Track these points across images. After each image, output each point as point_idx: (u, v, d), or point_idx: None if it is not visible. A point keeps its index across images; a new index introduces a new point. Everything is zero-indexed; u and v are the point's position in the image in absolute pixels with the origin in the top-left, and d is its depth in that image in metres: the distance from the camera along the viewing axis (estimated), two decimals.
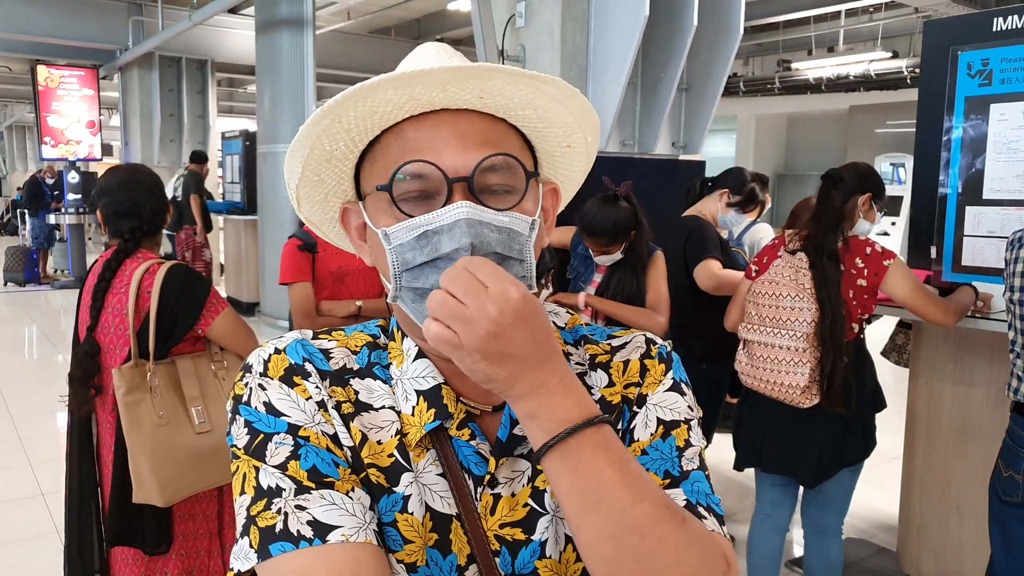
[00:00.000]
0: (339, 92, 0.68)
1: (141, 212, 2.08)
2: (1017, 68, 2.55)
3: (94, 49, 10.55)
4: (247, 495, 0.67)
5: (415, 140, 0.69)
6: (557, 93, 0.71)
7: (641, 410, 0.77)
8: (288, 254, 2.50)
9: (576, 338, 0.82)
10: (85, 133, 11.18)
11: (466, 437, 0.73)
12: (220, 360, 2.08)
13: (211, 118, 11.16)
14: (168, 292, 1.97)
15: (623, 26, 3.54)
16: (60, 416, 5.17)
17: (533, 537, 0.73)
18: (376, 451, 0.72)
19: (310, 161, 0.73)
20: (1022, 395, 2.09)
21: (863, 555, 3.35)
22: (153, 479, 1.88)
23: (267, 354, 0.73)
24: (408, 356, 0.76)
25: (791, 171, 15.46)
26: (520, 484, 0.74)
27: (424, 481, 0.72)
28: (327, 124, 0.69)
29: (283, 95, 7.33)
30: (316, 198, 0.79)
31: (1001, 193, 2.64)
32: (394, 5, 10.22)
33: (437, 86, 0.67)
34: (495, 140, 0.71)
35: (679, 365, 0.81)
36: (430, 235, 0.67)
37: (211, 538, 2.11)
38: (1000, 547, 2.21)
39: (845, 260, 2.32)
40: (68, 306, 9.56)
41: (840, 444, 2.38)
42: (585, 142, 0.78)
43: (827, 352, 2.26)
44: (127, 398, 1.91)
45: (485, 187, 0.69)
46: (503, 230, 0.68)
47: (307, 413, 0.70)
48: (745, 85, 12.12)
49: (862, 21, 10.47)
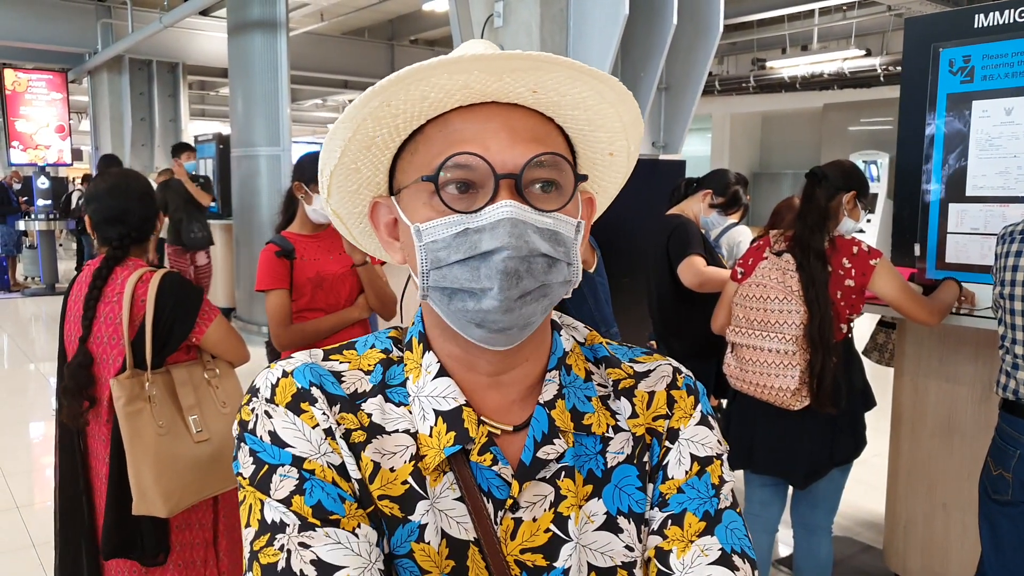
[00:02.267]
0: (312, 94, 0.63)
1: (129, 219, 2.04)
2: (999, 64, 2.56)
3: (62, 52, 10.38)
4: (252, 528, 0.66)
5: (462, 131, 0.66)
6: (612, 95, 0.69)
7: (674, 445, 0.75)
8: (265, 260, 2.44)
9: (597, 357, 0.79)
10: (54, 138, 11.00)
11: (487, 462, 0.70)
12: (212, 368, 2.06)
13: (183, 121, 11.02)
14: (164, 300, 1.94)
15: (602, 25, 3.52)
16: (33, 427, 5.05)
17: (556, 564, 0.70)
18: (389, 479, 0.69)
19: (350, 147, 0.70)
20: (1011, 392, 2.09)
21: (849, 553, 3.35)
22: (157, 490, 1.87)
23: (275, 377, 0.70)
24: (428, 372, 0.72)
25: (766, 169, 15.60)
26: (542, 509, 0.71)
27: (440, 507, 0.69)
28: (375, 106, 0.66)
29: (257, 98, 7.25)
30: (349, 188, 0.75)
31: (984, 190, 2.64)
32: (368, 6, 10.15)
33: (493, 75, 0.64)
34: (544, 138, 0.68)
35: (705, 397, 0.79)
36: (471, 232, 0.64)
37: (207, 547, 2.09)
38: (990, 545, 2.21)
39: (832, 260, 2.31)
40: (39, 314, 9.39)
41: (830, 444, 2.37)
42: (628, 151, 0.76)
43: (816, 353, 2.24)
44: (127, 408, 1.88)
45: (533, 186, 0.66)
46: (547, 232, 0.66)
47: (313, 443, 0.67)
48: (720, 84, 12.19)
49: (835, 19, 10.58)
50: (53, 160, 11.06)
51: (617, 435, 0.74)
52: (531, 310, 0.66)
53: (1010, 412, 2.12)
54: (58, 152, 11.06)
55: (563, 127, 0.72)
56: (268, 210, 7.24)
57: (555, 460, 0.71)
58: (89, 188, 2.12)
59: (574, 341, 0.79)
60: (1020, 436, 2.06)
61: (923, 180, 2.78)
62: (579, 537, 0.71)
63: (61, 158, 11.15)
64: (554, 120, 0.71)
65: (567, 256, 0.67)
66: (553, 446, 0.71)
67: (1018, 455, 2.07)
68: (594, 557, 0.71)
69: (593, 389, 0.75)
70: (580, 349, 0.79)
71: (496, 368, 0.72)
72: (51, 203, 10.54)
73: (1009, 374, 2.11)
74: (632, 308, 3.57)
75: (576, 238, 0.69)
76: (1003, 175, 2.59)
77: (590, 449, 0.73)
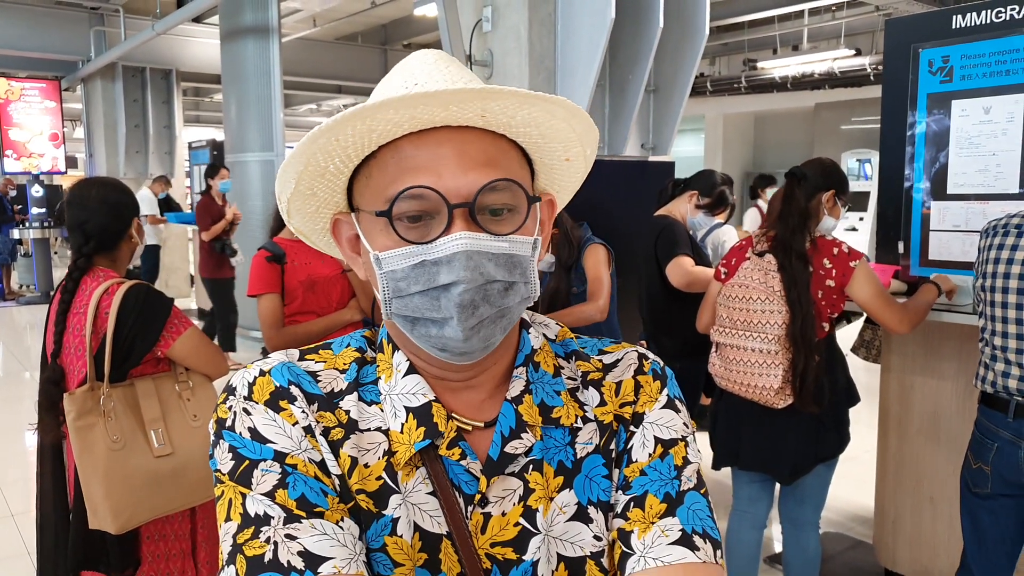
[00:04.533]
0: (306, 99, 0.66)
1: (88, 228, 2.02)
2: (977, 64, 2.59)
3: (55, 60, 10.37)
4: (233, 522, 0.66)
5: (415, 158, 0.67)
6: (562, 112, 0.71)
7: (638, 429, 0.77)
8: (256, 266, 2.48)
9: (567, 352, 0.82)
10: (48, 146, 10.99)
11: (456, 456, 0.72)
12: (185, 381, 2.02)
13: (177, 128, 11.02)
14: (126, 313, 1.91)
15: (590, 29, 3.55)
16: (28, 435, 5.05)
17: (525, 557, 0.72)
18: (364, 475, 0.71)
19: (304, 176, 0.72)
20: (988, 384, 2.12)
21: (841, 549, 3.38)
22: (106, 505, 1.82)
23: (252, 376, 0.72)
24: (398, 371, 0.75)
25: (759, 169, 15.60)
26: (511, 503, 0.73)
27: (413, 500, 0.71)
28: (323, 143, 0.68)
29: (250, 103, 7.27)
30: (307, 211, 0.77)
31: (964, 188, 2.68)
32: (360, 12, 10.17)
33: (439, 106, 0.66)
34: (497, 159, 0.69)
35: (673, 381, 0.81)
36: (428, 265, 0.67)
37: (184, 558, 2.06)
38: (972, 538, 2.24)
39: (813, 261, 2.33)
40: (34, 322, 9.39)
41: (814, 440, 2.39)
42: (584, 155, 0.78)
43: (799, 353, 2.26)
44: (78, 423, 1.85)
45: (486, 209, 0.68)
46: (502, 257, 0.68)
47: (293, 439, 0.69)
48: (712, 85, 12.22)
49: (825, 20, 10.62)
50: (47, 168, 11.05)
51: (586, 425, 0.76)
52: (490, 331, 0.68)
53: (988, 405, 2.14)
54: (52, 160, 11.05)
55: (516, 140, 0.73)
56: (262, 215, 7.24)
57: (523, 454, 0.73)
58: (66, 197, 2.12)
59: (544, 339, 0.80)
60: (997, 429, 2.09)
61: (906, 179, 2.82)
62: (549, 529, 0.73)
63: (55, 166, 11.14)
64: (507, 135, 0.72)
65: (523, 276, 0.70)
66: (521, 440, 0.73)
67: (996, 448, 2.10)
68: (564, 548, 0.73)
69: (562, 383, 0.77)
70: (550, 346, 0.80)
71: (462, 375, 0.74)
72: (45, 211, 10.54)
73: (987, 366, 2.13)
74: (623, 308, 3.60)
75: (533, 255, 0.71)
76: (983, 173, 2.63)
77: (559, 441, 0.75)
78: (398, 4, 9.80)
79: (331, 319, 2.51)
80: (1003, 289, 2.07)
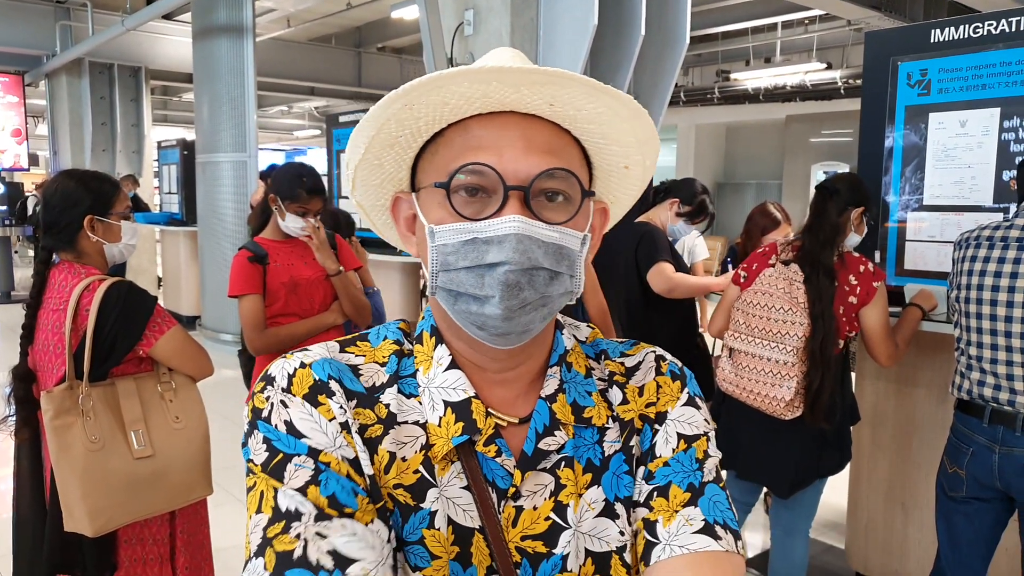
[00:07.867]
0: (278, 100, 0.66)
1: (44, 221, 1.98)
2: (954, 78, 2.66)
3: (18, 55, 10.14)
4: (264, 515, 0.65)
5: (480, 138, 0.69)
6: (626, 112, 0.71)
7: (662, 427, 0.78)
8: (238, 266, 2.43)
9: (597, 351, 0.83)
10: (11, 142, 10.74)
11: (492, 453, 0.73)
12: (168, 381, 1.97)
13: (146, 127, 10.82)
14: (107, 311, 1.86)
15: (572, 35, 3.56)
16: None
17: (555, 551, 0.73)
18: (402, 468, 0.72)
19: (374, 144, 0.73)
20: (964, 392, 2.17)
21: (812, 553, 3.40)
22: (83, 507, 1.78)
23: (292, 368, 0.72)
24: (439, 364, 0.75)
25: (730, 179, 15.81)
26: (542, 498, 0.74)
27: (448, 495, 0.72)
28: (397, 109, 0.69)
29: (222, 104, 7.17)
30: (373, 182, 0.78)
31: (940, 199, 2.74)
32: (335, 13, 10.11)
33: (511, 86, 0.67)
34: (558, 151, 0.70)
35: (693, 381, 0.82)
36: (479, 242, 0.67)
37: (162, 563, 2.00)
38: (946, 542, 2.28)
39: (839, 276, 2.30)
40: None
41: (817, 456, 2.39)
42: (643, 165, 0.79)
43: (815, 368, 2.24)
44: (55, 422, 1.80)
45: (542, 194, 0.69)
46: (552, 247, 0.68)
47: (329, 436, 0.69)
48: (686, 95, 12.35)
49: (797, 33, 10.80)
50: (9, 165, 10.80)
51: (613, 424, 0.78)
52: (530, 318, 0.69)
53: (964, 411, 2.19)
54: (14, 157, 10.79)
55: (579, 139, 0.74)
56: (234, 216, 7.15)
57: (555, 451, 0.74)
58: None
59: (575, 340, 0.82)
60: (973, 434, 2.14)
61: (883, 190, 2.87)
62: (578, 524, 0.74)
63: (17, 163, 10.89)
64: (571, 132, 0.73)
65: (570, 269, 0.70)
66: (554, 437, 0.74)
67: (971, 452, 2.14)
68: (591, 543, 0.74)
69: (594, 384, 0.79)
70: (581, 347, 0.82)
71: (500, 365, 0.75)
72: (7, 209, 10.29)
73: (963, 375, 2.18)
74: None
75: (582, 251, 0.71)
76: (958, 185, 2.69)
77: (588, 439, 0.76)
78: (373, 6, 9.77)
79: (315, 321, 2.48)
80: (977, 300, 2.11)
